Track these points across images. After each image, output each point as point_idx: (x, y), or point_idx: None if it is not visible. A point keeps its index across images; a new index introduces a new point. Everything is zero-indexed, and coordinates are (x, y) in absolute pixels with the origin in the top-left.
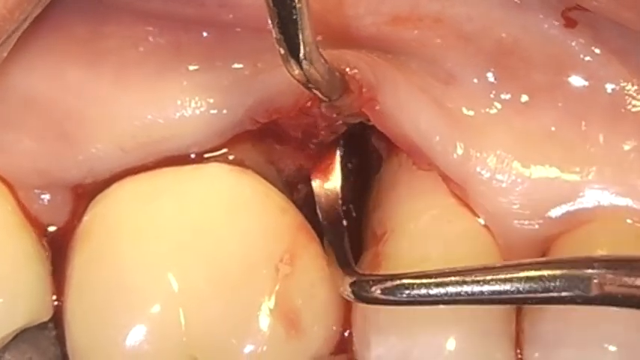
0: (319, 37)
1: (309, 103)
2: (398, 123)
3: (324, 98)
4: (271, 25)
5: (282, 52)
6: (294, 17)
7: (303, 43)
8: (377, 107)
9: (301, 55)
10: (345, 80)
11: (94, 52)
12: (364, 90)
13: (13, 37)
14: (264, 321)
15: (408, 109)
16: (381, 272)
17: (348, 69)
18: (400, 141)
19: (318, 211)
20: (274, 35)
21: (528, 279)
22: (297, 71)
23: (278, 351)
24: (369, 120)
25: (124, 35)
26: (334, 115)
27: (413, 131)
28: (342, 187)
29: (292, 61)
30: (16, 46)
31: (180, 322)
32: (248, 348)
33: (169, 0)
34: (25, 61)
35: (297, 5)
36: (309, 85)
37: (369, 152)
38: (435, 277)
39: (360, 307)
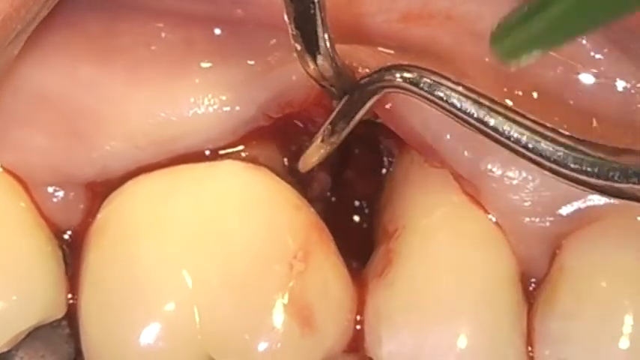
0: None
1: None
2: (408, 121)
3: (336, 94)
4: (288, 21)
5: (299, 48)
6: (312, 13)
7: (320, 39)
8: (387, 106)
9: (318, 51)
10: (356, 77)
11: (106, 50)
12: None
13: (22, 36)
14: (279, 318)
15: (418, 107)
16: (393, 270)
17: (360, 68)
18: (410, 139)
19: None
20: (290, 31)
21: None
22: (312, 67)
23: (292, 348)
24: (377, 117)
25: (136, 33)
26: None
27: (423, 129)
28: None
29: (308, 58)
30: (28, 43)
31: (194, 319)
32: (262, 345)
33: None
34: (37, 58)
35: (315, 0)
36: (323, 82)
37: (380, 149)
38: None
39: (373, 303)
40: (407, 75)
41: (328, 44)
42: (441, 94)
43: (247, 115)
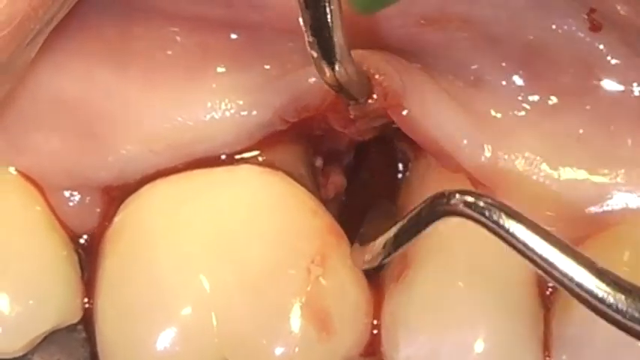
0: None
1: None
2: (424, 127)
3: (352, 100)
4: (304, 28)
5: (315, 55)
6: (328, 20)
7: (336, 46)
8: (403, 112)
9: (334, 58)
10: (371, 84)
11: (122, 54)
12: (388, 97)
13: (40, 37)
14: (296, 322)
15: (434, 113)
16: (410, 274)
17: (377, 75)
18: (427, 145)
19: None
20: (307, 38)
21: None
22: (328, 74)
23: (310, 352)
24: (394, 122)
25: (152, 37)
26: (361, 117)
27: (440, 135)
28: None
29: (324, 65)
30: (44, 47)
31: (212, 323)
32: (279, 349)
33: (197, 1)
34: (54, 61)
35: (331, 7)
36: (339, 89)
37: (396, 154)
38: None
39: (389, 307)
40: (470, 200)
41: (345, 52)
42: (508, 227)
43: (264, 120)
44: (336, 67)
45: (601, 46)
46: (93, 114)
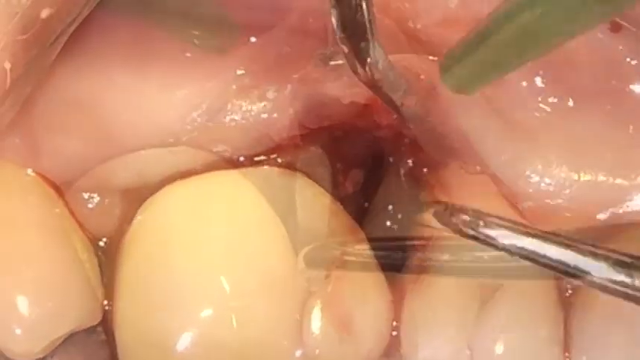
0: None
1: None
2: (454, 122)
3: (386, 97)
4: (335, 24)
5: (347, 50)
6: (359, 15)
7: (369, 41)
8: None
9: (367, 53)
10: (406, 80)
11: (141, 56)
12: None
13: (61, 38)
14: (317, 324)
15: (463, 109)
16: (428, 277)
17: (422, 75)
18: (455, 141)
19: None
20: (337, 34)
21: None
22: (360, 70)
23: (330, 354)
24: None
25: (170, 39)
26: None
27: (469, 131)
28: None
29: (356, 60)
30: (64, 48)
31: (232, 325)
32: (300, 351)
33: (216, 4)
34: (72, 63)
35: (362, 2)
36: (372, 84)
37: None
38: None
39: (409, 308)
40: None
41: (378, 48)
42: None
43: (284, 123)
44: (369, 62)
45: (620, 47)
46: (111, 115)
